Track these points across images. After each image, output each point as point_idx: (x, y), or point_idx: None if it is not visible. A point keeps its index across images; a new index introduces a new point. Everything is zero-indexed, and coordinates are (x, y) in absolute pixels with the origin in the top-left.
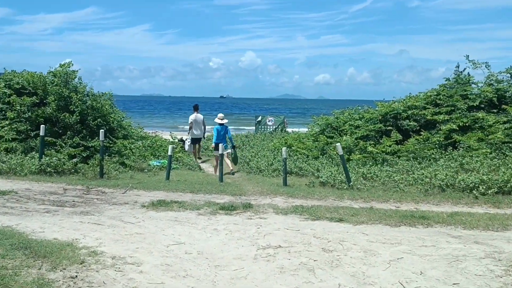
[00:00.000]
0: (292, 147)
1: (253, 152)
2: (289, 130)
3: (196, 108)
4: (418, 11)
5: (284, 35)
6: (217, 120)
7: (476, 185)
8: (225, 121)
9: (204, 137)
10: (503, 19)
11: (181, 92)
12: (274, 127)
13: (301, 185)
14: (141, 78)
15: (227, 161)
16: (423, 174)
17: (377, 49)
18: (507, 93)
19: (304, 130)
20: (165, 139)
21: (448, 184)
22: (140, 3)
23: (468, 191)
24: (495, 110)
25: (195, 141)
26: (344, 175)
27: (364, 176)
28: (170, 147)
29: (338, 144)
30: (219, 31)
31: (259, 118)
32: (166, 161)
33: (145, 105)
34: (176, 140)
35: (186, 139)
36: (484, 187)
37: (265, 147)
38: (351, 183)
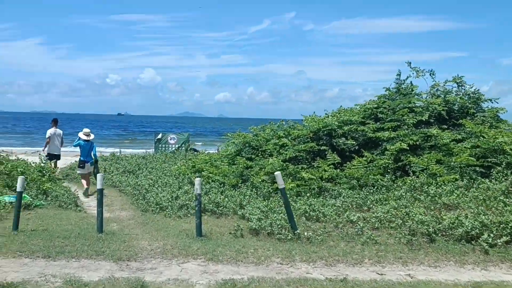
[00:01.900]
0: (203, 173)
1: (151, 179)
2: (199, 149)
3: (55, 122)
4: (312, 34)
5: (185, 53)
6: (82, 136)
7: (479, 232)
8: (91, 137)
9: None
10: (386, 44)
11: (77, 109)
12: (176, 145)
13: (222, 233)
14: (32, 94)
15: (85, 181)
16: (388, 212)
17: (276, 69)
18: (455, 105)
19: (211, 150)
20: (30, 162)
21: (436, 230)
22: (31, 15)
23: (467, 240)
24: (445, 126)
25: (52, 157)
26: (284, 217)
27: (307, 215)
28: (19, 179)
29: (278, 173)
30: (116, 47)
31: (159, 136)
32: (25, 196)
33: (26, 122)
34: (47, 164)
35: (40, 154)
36: (492, 235)
37: (166, 171)
38: (298, 231)
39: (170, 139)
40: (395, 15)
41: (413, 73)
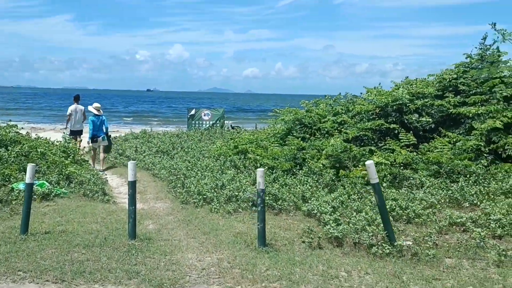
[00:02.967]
0: (248, 154)
1: (188, 163)
2: (241, 127)
3: (76, 99)
4: (342, 8)
5: (213, 28)
6: (93, 110)
7: None
8: (101, 112)
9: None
10: (421, 17)
11: (107, 85)
12: (211, 122)
13: (291, 240)
14: (64, 70)
15: (101, 156)
16: (509, 213)
17: (304, 44)
18: None
19: (247, 127)
20: (52, 141)
21: None
22: None
23: None
24: None
25: (74, 133)
26: (367, 217)
27: (393, 213)
28: (29, 167)
29: (370, 162)
30: (145, 23)
31: (192, 112)
32: (44, 182)
33: (59, 99)
34: (71, 143)
35: (63, 132)
36: None
37: (204, 151)
38: (397, 242)
39: (204, 115)
40: None
41: (498, 37)
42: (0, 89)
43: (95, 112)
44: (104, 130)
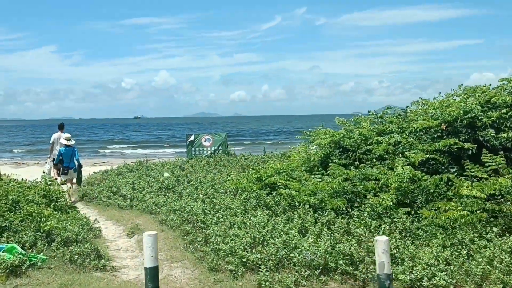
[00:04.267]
0: (279, 189)
1: (203, 202)
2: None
3: (61, 127)
4: (324, 28)
5: (198, 53)
6: (63, 141)
7: None
8: (72, 142)
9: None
10: (401, 35)
11: (93, 114)
12: (213, 148)
13: None
14: (49, 101)
15: (70, 190)
16: None
17: (290, 65)
18: None
19: (253, 153)
20: (31, 181)
21: None
22: (44, 24)
23: None
24: None
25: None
26: None
27: None
28: None
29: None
30: (130, 51)
31: (192, 138)
32: (14, 246)
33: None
34: (54, 183)
35: (46, 163)
36: None
37: (216, 186)
38: None
39: (205, 141)
40: (406, 4)
41: None
42: None
43: (65, 142)
44: (76, 162)
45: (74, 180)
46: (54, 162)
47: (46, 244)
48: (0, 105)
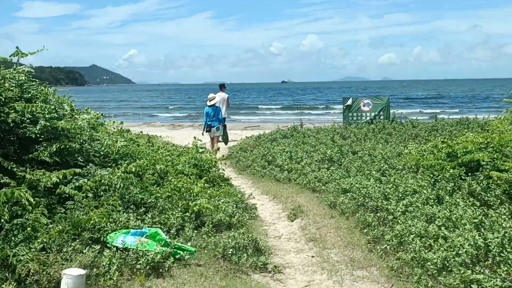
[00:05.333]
0: (482, 168)
1: (379, 182)
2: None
3: (221, 87)
4: None
5: (346, 16)
6: (207, 102)
7: None
8: (216, 100)
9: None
10: None
11: (243, 78)
12: (372, 113)
13: None
14: (204, 66)
15: (216, 147)
16: None
17: (445, 26)
18: None
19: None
20: (183, 147)
21: None
22: None
23: None
24: None
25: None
26: None
27: None
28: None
29: None
30: (279, 15)
31: (349, 102)
32: (157, 231)
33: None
34: (206, 152)
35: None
36: None
37: (389, 159)
38: None
39: (364, 106)
40: None
41: None
42: (148, 86)
43: (208, 103)
44: (219, 121)
45: (221, 139)
46: (204, 126)
47: (194, 227)
48: (162, 70)
